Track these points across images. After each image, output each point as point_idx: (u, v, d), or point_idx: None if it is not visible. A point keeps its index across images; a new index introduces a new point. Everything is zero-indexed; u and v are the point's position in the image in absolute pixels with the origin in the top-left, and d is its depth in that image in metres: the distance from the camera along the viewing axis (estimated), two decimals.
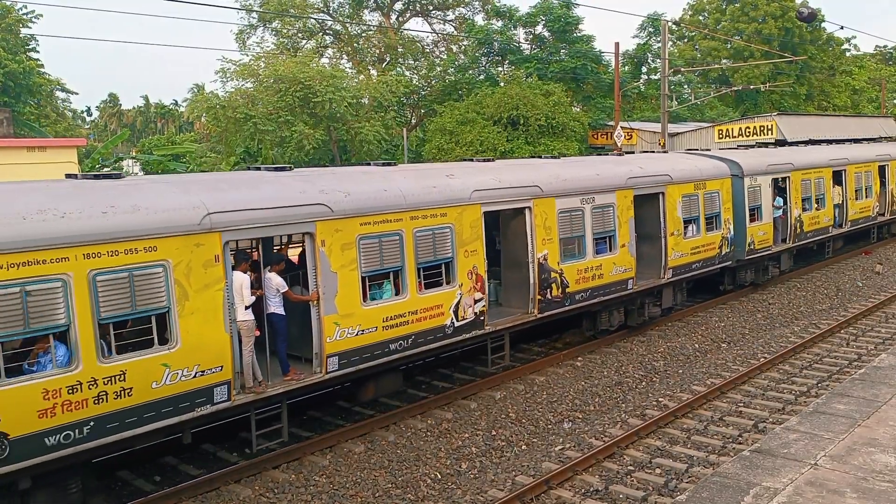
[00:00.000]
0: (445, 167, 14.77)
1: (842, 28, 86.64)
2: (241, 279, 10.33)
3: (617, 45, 33.30)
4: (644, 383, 14.50)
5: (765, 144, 27.43)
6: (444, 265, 12.69)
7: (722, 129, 36.41)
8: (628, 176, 16.33)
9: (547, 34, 44.39)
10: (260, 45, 44.42)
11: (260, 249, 11.48)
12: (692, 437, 11.86)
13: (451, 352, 14.12)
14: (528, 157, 21.14)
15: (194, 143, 48.51)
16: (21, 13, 42.56)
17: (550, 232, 14.41)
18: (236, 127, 33.43)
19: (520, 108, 35.43)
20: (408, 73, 44.12)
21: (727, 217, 19.27)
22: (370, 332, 11.54)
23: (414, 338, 12.20)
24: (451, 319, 12.76)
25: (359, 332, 11.38)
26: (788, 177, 22.03)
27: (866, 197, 26.92)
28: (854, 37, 77.98)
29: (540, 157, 18.83)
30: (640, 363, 15.52)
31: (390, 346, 11.85)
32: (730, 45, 55.58)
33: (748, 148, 24.63)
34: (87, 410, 8.68)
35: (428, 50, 47.24)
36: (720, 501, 6.76)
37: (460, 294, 12.86)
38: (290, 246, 13.07)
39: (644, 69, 50.10)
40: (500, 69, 44.66)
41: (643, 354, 16.05)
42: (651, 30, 48.27)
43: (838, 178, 25.03)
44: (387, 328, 11.76)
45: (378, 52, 46.00)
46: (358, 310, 11.36)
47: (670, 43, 51.15)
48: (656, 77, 44.97)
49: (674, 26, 56.29)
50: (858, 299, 20.71)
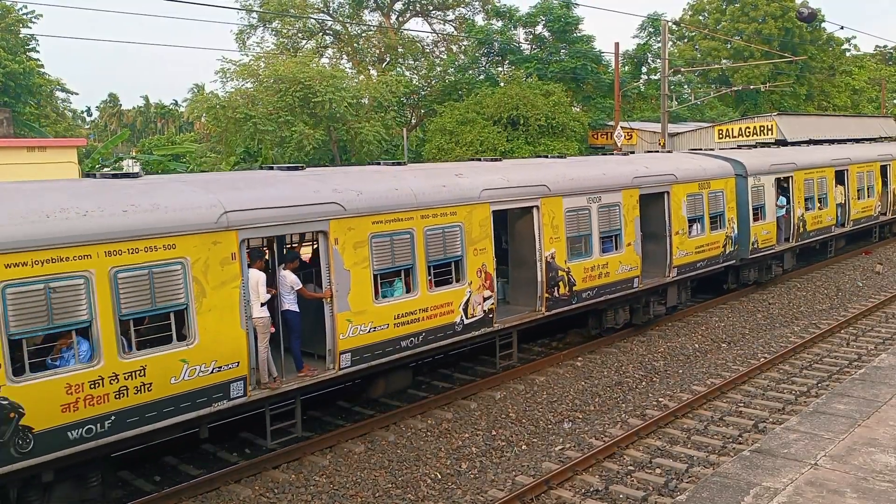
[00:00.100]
0: (454, 167, 14.84)
1: (842, 28, 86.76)
2: (257, 276, 10.47)
3: (617, 45, 33.40)
4: (644, 383, 14.50)
5: (765, 144, 27.47)
6: (453, 263, 12.78)
7: (722, 130, 36.43)
8: (634, 175, 16.40)
9: (547, 34, 44.40)
10: (260, 45, 44.52)
11: (275, 247, 11.60)
12: (692, 437, 11.86)
13: (460, 349, 14.20)
14: (533, 157, 21.18)
15: (194, 143, 48.51)
16: (21, 13, 42.57)
17: (558, 231, 14.49)
18: (236, 127, 33.44)
19: (520, 109, 35.43)
20: (408, 73, 44.15)
21: (731, 216, 19.32)
22: (382, 329, 11.65)
23: (424, 335, 12.30)
24: (461, 317, 12.86)
25: (371, 329, 11.49)
26: (791, 176, 22.06)
27: (868, 196, 26.99)
28: (854, 37, 78.07)
29: (546, 156, 18.88)
30: (641, 363, 15.52)
31: (401, 342, 11.97)
32: (730, 46, 55.60)
33: (751, 148, 24.68)
34: (108, 405, 8.82)
35: (428, 50, 47.28)
36: (720, 501, 6.76)
37: (470, 292, 12.96)
38: (301, 245, 13.18)
39: (644, 69, 50.15)
40: (500, 69, 44.67)
41: (643, 354, 16.04)
42: (651, 30, 48.29)
43: (840, 177, 25.07)
44: (398, 325, 11.87)
45: (378, 52, 46.01)
46: (370, 307, 11.47)
47: (670, 43, 51.15)
48: (656, 77, 45.01)
49: (674, 26, 56.32)
50: (858, 299, 20.71)
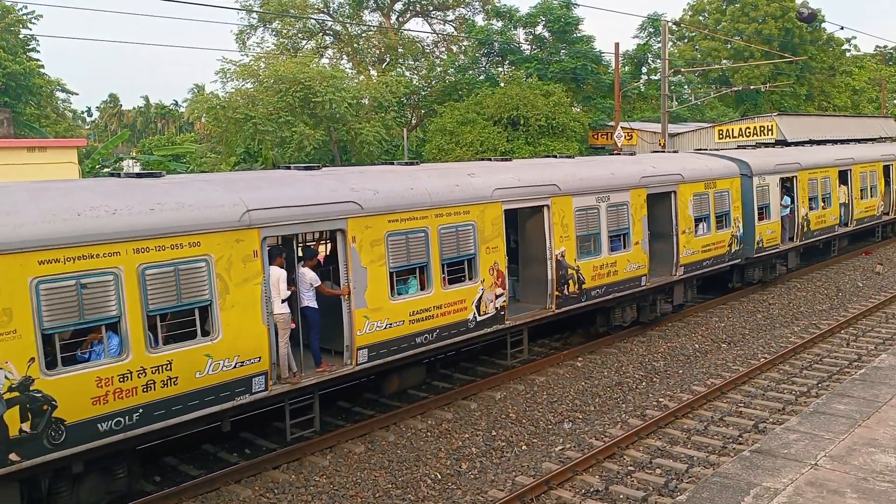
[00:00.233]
0: (466, 166, 15.05)
1: (842, 28, 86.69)
2: (278, 273, 10.65)
3: (617, 45, 33.41)
4: (644, 383, 14.50)
5: (766, 145, 27.49)
6: (466, 261, 13.02)
7: (722, 130, 36.42)
8: (641, 175, 16.56)
9: (547, 34, 44.37)
10: (260, 45, 44.48)
11: (294, 245, 11.84)
12: (692, 438, 11.86)
13: (471, 346, 14.32)
14: (542, 157, 21.35)
15: (194, 143, 48.50)
16: (21, 14, 42.56)
17: (567, 229, 14.69)
18: (236, 127, 33.42)
19: (520, 109, 35.41)
20: (408, 73, 44.11)
21: (737, 216, 19.51)
22: (398, 325, 11.89)
23: (438, 331, 12.54)
24: (474, 314, 13.08)
25: (387, 325, 11.74)
26: (796, 176, 22.21)
27: (871, 196, 27.16)
28: (854, 37, 78.10)
29: (555, 156, 19.14)
30: (641, 363, 15.52)
31: (416, 339, 12.21)
32: (730, 46, 55.60)
33: (752, 148, 24.73)
34: (136, 398, 9.05)
35: (428, 50, 47.22)
36: (720, 502, 6.76)
37: (482, 289, 13.18)
38: (319, 243, 13.42)
39: (644, 69, 50.12)
40: (501, 69, 44.64)
41: (643, 355, 16.04)
42: (651, 30, 48.27)
43: (844, 177, 25.21)
44: (413, 322, 12.11)
45: (378, 52, 45.98)
46: (386, 304, 11.71)
47: (670, 43, 51.15)
48: (656, 77, 45.00)
49: (674, 27, 56.32)
50: (859, 299, 20.71)
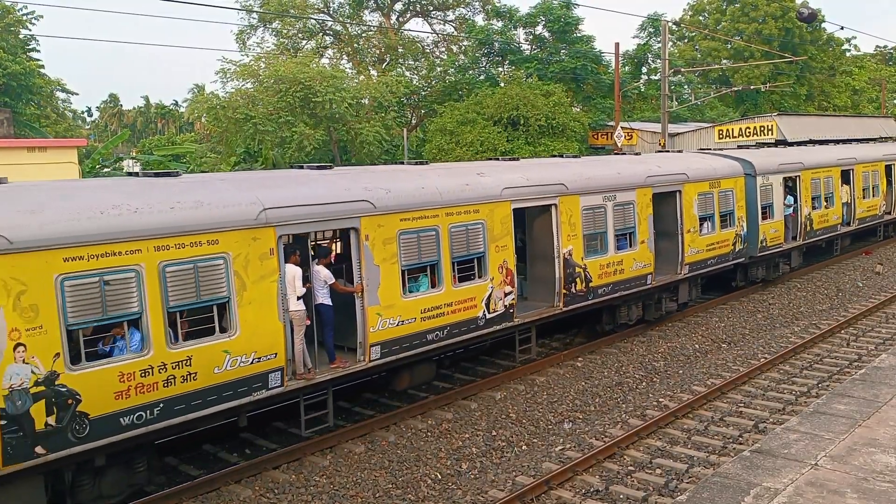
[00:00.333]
0: (475, 166, 15.21)
1: (842, 28, 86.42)
2: (294, 271, 10.80)
3: (617, 45, 33.40)
4: (644, 384, 14.50)
5: (767, 144, 27.51)
6: (476, 260, 13.19)
7: (722, 130, 36.45)
8: (647, 174, 16.70)
9: (547, 34, 44.35)
10: (260, 45, 44.48)
11: (308, 243, 11.97)
12: (692, 438, 11.86)
13: (480, 343, 14.48)
14: (549, 157, 21.50)
15: (195, 143, 48.47)
16: (21, 14, 42.55)
17: (575, 228, 14.86)
18: (236, 127, 33.41)
19: (520, 109, 35.41)
20: (408, 73, 44.10)
21: (740, 215, 19.64)
22: (409, 322, 12.04)
23: (449, 329, 12.72)
24: (483, 312, 13.26)
25: (399, 322, 11.90)
26: (799, 176, 22.32)
27: (873, 196, 27.27)
28: (854, 37, 78.00)
29: (561, 155, 19.37)
30: (641, 363, 15.52)
31: (428, 336, 12.38)
32: (730, 46, 55.59)
33: (755, 148, 24.77)
34: (157, 393, 9.23)
35: (428, 50, 47.20)
36: (720, 502, 6.76)
37: (491, 287, 13.36)
38: (332, 242, 13.54)
39: (644, 69, 50.10)
40: (501, 69, 44.62)
41: (643, 355, 16.04)
42: (651, 30, 48.25)
43: (846, 177, 25.31)
44: (425, 319, 12.28)
45: (378, 52, 45.98)
46: (398, 301, 11.87)
47: (670, 43, 51.14)
48: (656, 77, 44.98)
49: (674, 27, 56.31)
50: (859, 299, 20.71)
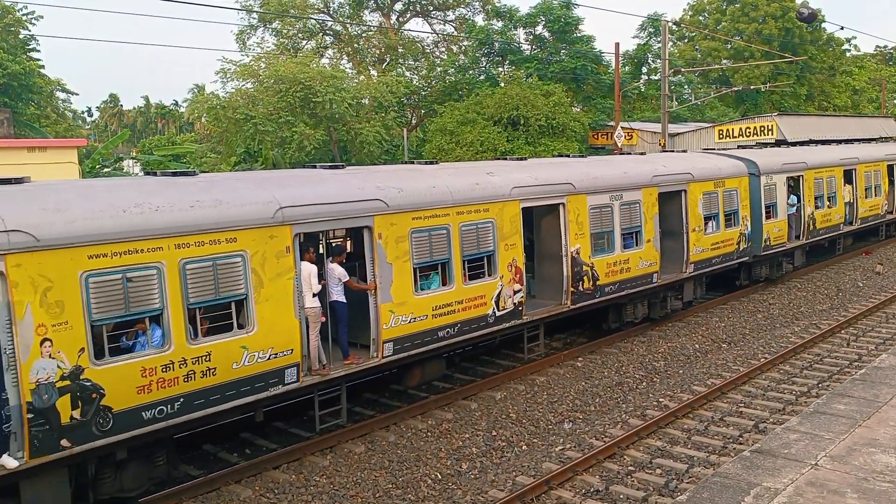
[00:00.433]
0: (485, 165, 15.37)
1: (842, 28, 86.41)
2: (310, 269, 10.96)
3: (617, 45, 33.40)
4: (644, 383, 14.50)
5: (767, 144, 27.54)
6: (486, 258, 13.35)
7: (722, 130, 36.45)
8: (653, 174, 16.84)
9: (547, 34, 44.36)
10: (260, 45, 44.50)
11: (320, 241, 12.18)
12: (692, 438, 11.86)
13: (489, 340, 14.61)
14: (555, 156, 21.68)
15: (195, 143, 48.47)
16: (21, 14, 42.55)
17: (582, 227, 15.01)
18: (237, 127, 33.41)
19: (520, 109, 35.41)
20: (408, 73, 44.12)
21: (745, 214, 19.77)
22: (421, 319, 12.22)
23: (460, 326, 12.90)
24: (493, 309, 13.43)
25: (411, 319, 12.08)
26: (802, 175, 22.41)
27: (876, 195, 27.38)
28: (854, 37, 77.97)
29: (568, 155, 19.63)
30: (641, 363, 15.52)
31: (439, 333, 12.55)
32: (730, 46, 55.59)
33: (754, 147, 24.82)
34: (177, 388, 9.41)
35: (428, 50, 47.22)
36: (721, 502, 6.76)
37: (501, 285, 13.53)
38: (346, 240, 13.73)
39: (644, 69, 50.12)
40: (501, 69, 44.62)
41: (643, 355, 16.04)
42: (651, 30, 48.26)
43: (849, 176, 25.41)
44: (436, 316, 12.46)
45: (378, 52, 45.98)
46: (411, 299, 12.05)
47: (670, 43, 51.14)
48: (656, 77, 44.98)
49: (674, 27, 56.29)
50: (859, 299, 20.71)
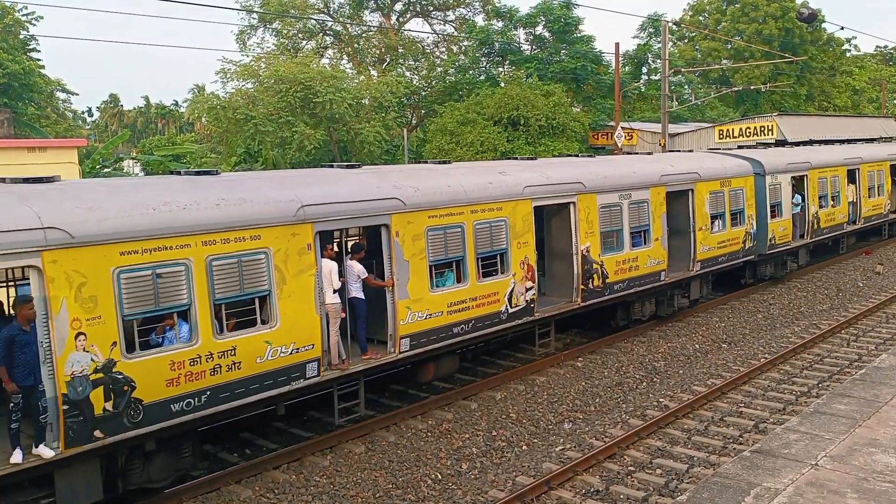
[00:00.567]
0: (497, 165, 15.58)
1: (842, 28, 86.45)
2: (330, 266, 11.15)
3: (617, 45, 33.41)
4: (645, 384, 14.50)
5: (767, 144, 27.56)
6: (499, 256, 13.52)
7: (722, 130, 36.47)
8: (661, 174, 17.02)
9: (547, 35, 44.39)
10: (260, 45, 44.52)
11: (338, 239, 12.35)
12: (693, 438, 11.86)
13: (501, 337, 14.73)
14: (564, 156, 21.86)
15: (195, 143, 48.48)
16: (21, 15, 42.56)
17: (592, 226, 15.21)
18: (237, 127, 33.44)
19: (520, 109, 35.43)
20: (408, 73, 44.14)
21: (750, 213, 19.93)
22: (437, 316, 12.44)
23: (474, 322, 13.09)
24: (506, 306, 13.62)
25: (427, 315, 12.29)
26: (806, 175, 22.54)
27: (878, 195, 27.49)
28: (854, 37, 78.07)
29: (577, 155, 19.91)
30: (641, 363, 15.52)
31: (453, 329, 12.76)
32: (730, 46, 55.58)
33: (755, 147, 24.88)
34: (204, 381, 9.62)
35: (428, 50, 47.26)
36: (721, 502, 6.76)
37: (514, 283, 13.71)
38: (362, 238, 13.87)
39: (644, 70, 50.16)
40: (501, 70, 44.65)
41: (644, 355, 16.04)
42: (651, 30, 48.33)
43: (852, 176, 25.52)
44: (451, 313, 12.66)
45: (378, 52, 46.01)
46: (426, 295, 12.25)
47: (670, 43, 51.13)
48: (656, 77, 45.01)
49: (674, 27, 56.30)
50: (859, 299, 20.71)
